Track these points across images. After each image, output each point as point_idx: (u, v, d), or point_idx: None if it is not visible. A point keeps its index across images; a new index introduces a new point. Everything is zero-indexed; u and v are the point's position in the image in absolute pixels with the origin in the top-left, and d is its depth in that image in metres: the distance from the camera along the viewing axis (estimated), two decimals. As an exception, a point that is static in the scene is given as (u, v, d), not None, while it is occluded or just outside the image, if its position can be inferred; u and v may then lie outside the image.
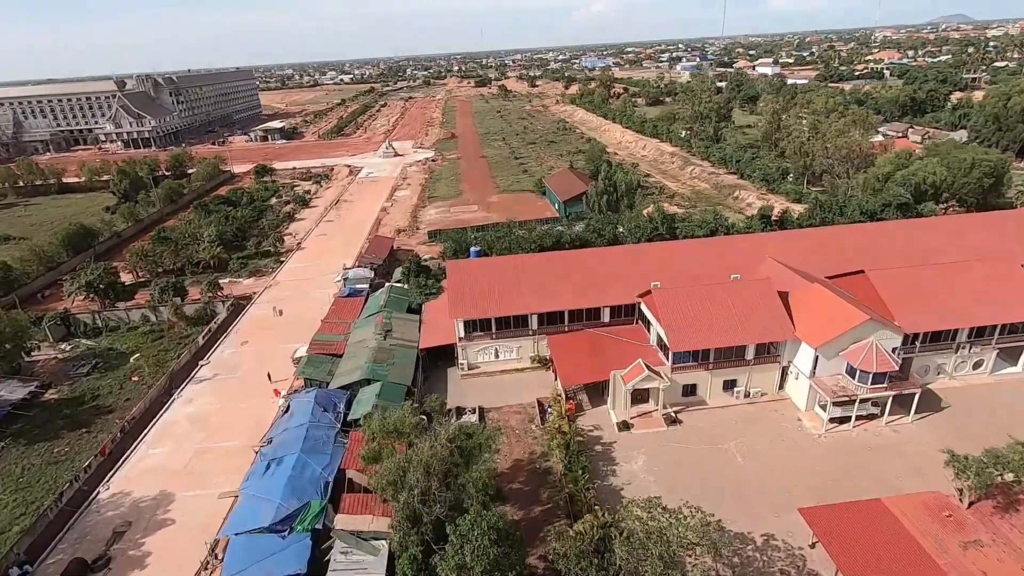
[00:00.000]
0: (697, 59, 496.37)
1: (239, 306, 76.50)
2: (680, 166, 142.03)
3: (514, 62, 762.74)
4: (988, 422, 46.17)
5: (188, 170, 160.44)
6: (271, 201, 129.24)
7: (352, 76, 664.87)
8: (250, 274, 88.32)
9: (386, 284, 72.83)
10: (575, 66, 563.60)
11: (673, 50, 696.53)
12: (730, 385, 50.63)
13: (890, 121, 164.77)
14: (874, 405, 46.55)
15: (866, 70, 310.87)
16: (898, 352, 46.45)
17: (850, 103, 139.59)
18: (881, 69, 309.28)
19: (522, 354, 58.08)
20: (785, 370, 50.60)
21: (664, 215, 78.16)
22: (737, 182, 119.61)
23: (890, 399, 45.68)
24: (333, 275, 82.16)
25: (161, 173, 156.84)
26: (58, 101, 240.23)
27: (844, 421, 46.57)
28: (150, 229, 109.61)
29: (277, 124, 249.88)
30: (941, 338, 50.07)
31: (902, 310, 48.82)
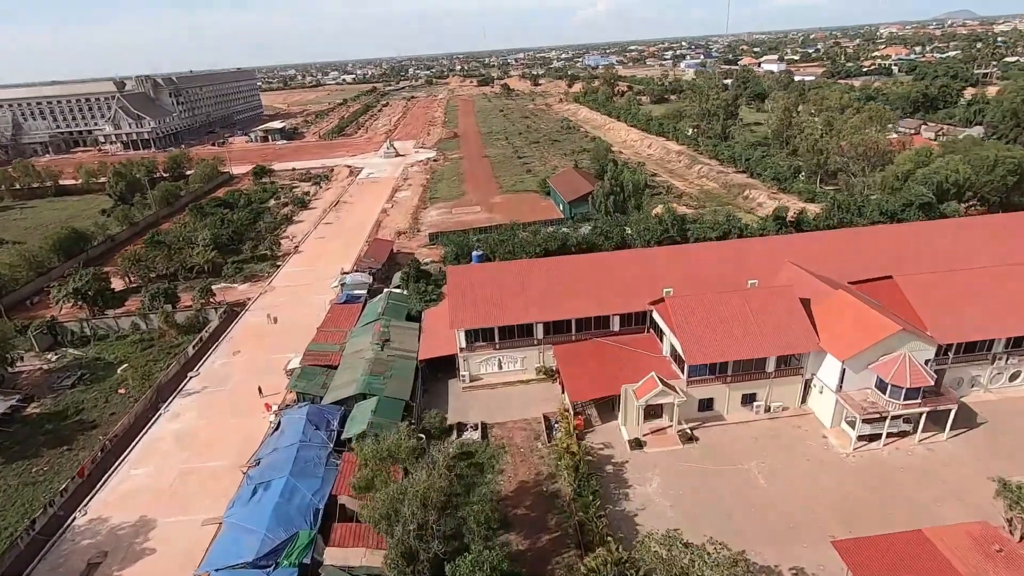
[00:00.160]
0: (701, 56, 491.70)
1: (232, 313, 73.66)
2: (687, 165, 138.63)
3: (517, 61, 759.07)
4: (1029, 439, 42.93)
5: (186, 172, 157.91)
6: (269, 203, 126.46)
7: (354, 76, 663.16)
8: (245, 279, 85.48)
9: (385, 290, 69.98)
10: (578, 64, 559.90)
11: (676, 48, 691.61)
12: (749, 399, 47.45)
13: (902, 118, 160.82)
14: (906, 422, 43.30)
15: (873, 66, 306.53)
16: (930, 364, 43.25)
17: (861, 99, 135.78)
18: (889, 65, 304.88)
19: (527, 365, 55.02)
20: (808, 383, 47.41)
21: (675, 216, 74.88)
22: (747, 181, 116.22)
23: (924, 415, 42.45)
24: (330, 280, 79.23)
25: (159, 175, 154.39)
26: (57, 103, 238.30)
27: (874, 439, 43.38)
28: (145, 232, 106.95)
29: (277, 124, 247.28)
30: (976, 348, 46.78)
31: (934, 319, 45.55)
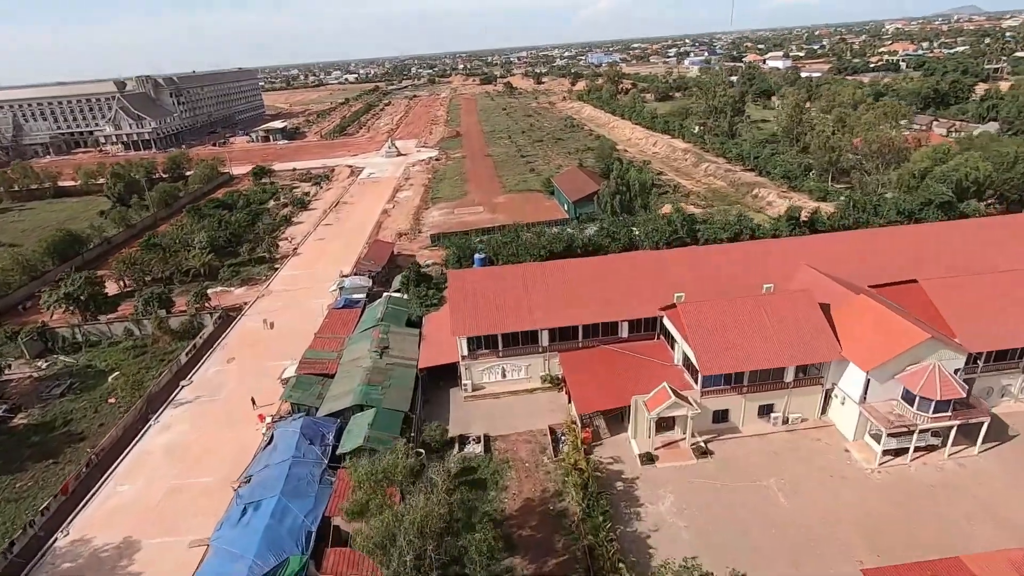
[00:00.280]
0: (705, 54, 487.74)
1: (228, 318, 71.57)
2: (694, 163, 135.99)
3: (519, 59, 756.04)
4: (1065, 454, 40.45)
5: (186, 172, 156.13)
6: (268, 204, 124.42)
7: (357, 76, 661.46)
8: (242, 283, 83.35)
9: (384, 294, 67.74)
10: (581, 62, 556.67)
11: (680, 45, 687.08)
12: (766, 410, 45.02)
13: (916, 113, 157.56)
14: (934, 435, 40.83)
15: (880, 62, 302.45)
16: (959, 373, 40.77)
17: (871, 95, 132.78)
18: (897, 61, 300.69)
19: (532, 373, 52.69)
20: (828, 393, 44.95)
21: (684, 216, 72.36)
22: (755, 179, 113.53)
23: (954, 429, 39.96)
24: (329, 283, 77.05)
25: (158, 176, 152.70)
26: (58, 103, 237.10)
27: (899, 453, 40.93)
28: (143, 235, 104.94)
29: (278, 124, 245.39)
30: (1007, 357, 44.20)
31: (963, 325, 43.01)
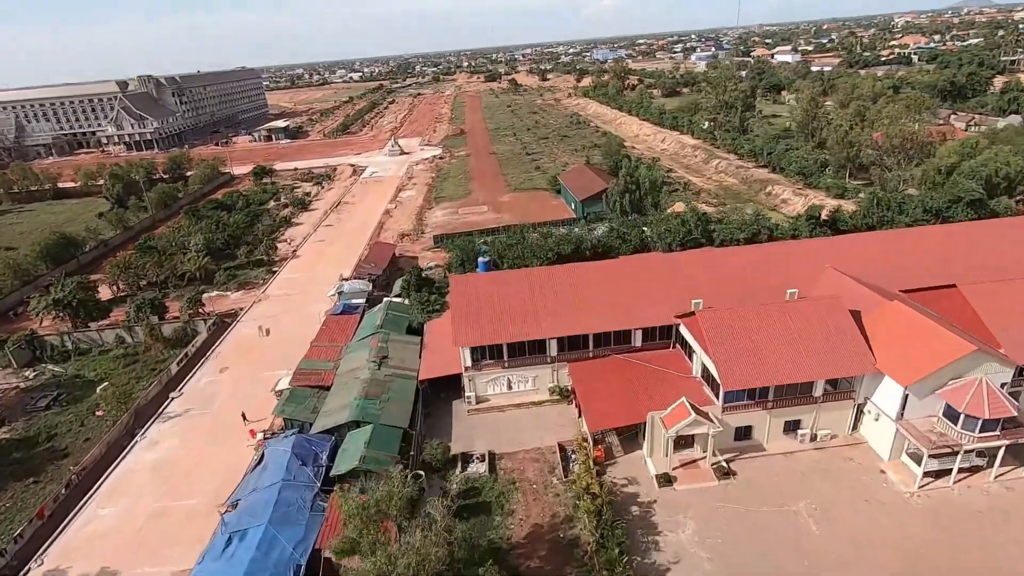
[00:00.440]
0: (712, 49, 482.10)
1: (223, 324, 68.86)
2: (704, 160, 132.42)
3: (524, 57, 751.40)
4: (1123, 475, 37.01)
5: (186, 173, 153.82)
6: (268, 205, 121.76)
7: (361, 74, 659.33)
8: (239, 287, 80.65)
9: (384, 299, 64.80)
10: (586, 59, 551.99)
11: (687, 41, 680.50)
12: (793, 426, 41.79)
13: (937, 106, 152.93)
14: (979, 455, 37.50)
15: (892, 55, 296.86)
16: (1005, 388, 37.39)
17: (890, 87, 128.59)
18: (909, 54, 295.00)
19: (539, 384, 49.61)
20: (860, 407, 41.65)
21: (699, 216, 68.97)
22: (768, 176, 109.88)
23: (1003, 449, 36.60)
24: (328, 288, 74.26)
25: (158, 176, 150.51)
26: (60, 104, 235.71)
27: (940, 475, 37.62)
28: (139, 237, 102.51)
29: (281, 123, 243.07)
30: (1056, 368, 40.75)
31: (1009, 335, 39.57)
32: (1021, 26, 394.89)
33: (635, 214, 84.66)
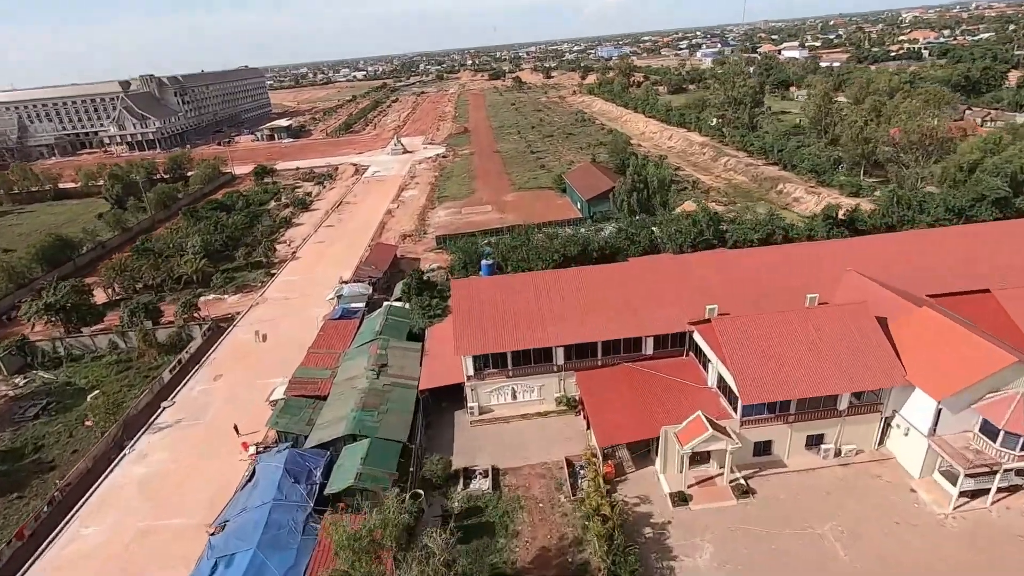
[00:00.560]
0: (718, 45, 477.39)
1: (219, 329, 66.86)
2: (712, 157, 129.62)
3: (528, 54, 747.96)
4: None
5: (187, 173, 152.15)
6: (269, 205, 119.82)
7: (365, 73, 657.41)
8: (237, 290, 78.64)
9: (384, 303, 62.64)
10: (591, 56, 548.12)
11: (692, 37, 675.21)
12: (815, 441, 39.35)
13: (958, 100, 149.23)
14: (1018, 474, 34.96)
15: (902, 50, 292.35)
16: (1045, 400, 34.78)
17: (907, 82, 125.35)
18: (919, 49, 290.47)
19: (545, 394, 47.33)
20: (888, 421, 39.16)
21: (710, 216, 66.42)
22: (779, 174, 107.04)
23: (1044, 468, 34.08)
24: (328, 291, 72.15)
25: (159, 176, 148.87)
26: (63, 104, 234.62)
27: (976, 494, 35.11)
28: (138, 238, 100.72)
29: (283, 122, 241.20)
30: (1098, 379, 38.10)
31: (1049, 344, 37.04)
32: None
33: (643, 214, 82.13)
